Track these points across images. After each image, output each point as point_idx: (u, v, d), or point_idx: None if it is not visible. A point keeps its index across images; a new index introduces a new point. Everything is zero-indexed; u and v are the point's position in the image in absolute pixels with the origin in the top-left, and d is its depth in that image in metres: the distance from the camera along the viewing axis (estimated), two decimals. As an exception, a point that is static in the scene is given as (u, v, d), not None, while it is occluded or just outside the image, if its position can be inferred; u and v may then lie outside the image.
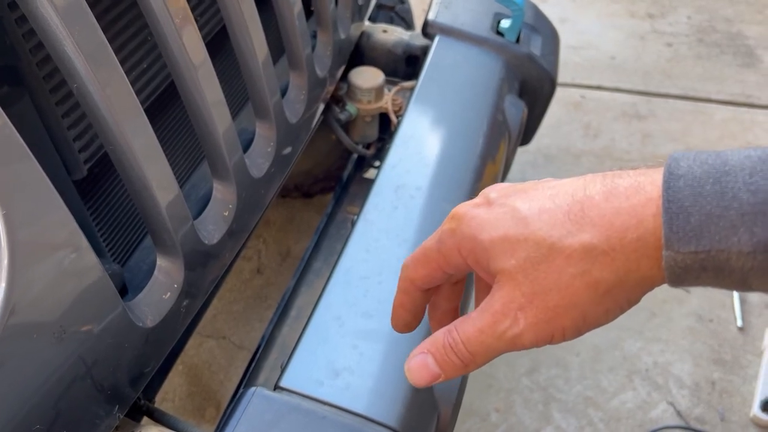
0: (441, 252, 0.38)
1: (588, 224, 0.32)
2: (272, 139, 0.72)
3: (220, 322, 1.44)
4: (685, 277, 0.31)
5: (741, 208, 0.29)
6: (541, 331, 0.34)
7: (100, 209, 0.63)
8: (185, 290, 0.60)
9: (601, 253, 0.32)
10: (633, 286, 0.33)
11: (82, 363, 0.49)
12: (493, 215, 0.35)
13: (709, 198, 0.30)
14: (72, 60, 0.47)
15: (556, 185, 0.35)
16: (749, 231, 0.29)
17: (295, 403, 0.56)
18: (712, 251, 0.30)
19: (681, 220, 0.30)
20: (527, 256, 0.34)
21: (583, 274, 0.32)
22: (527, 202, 0.35)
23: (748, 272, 0.30)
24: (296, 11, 0.74)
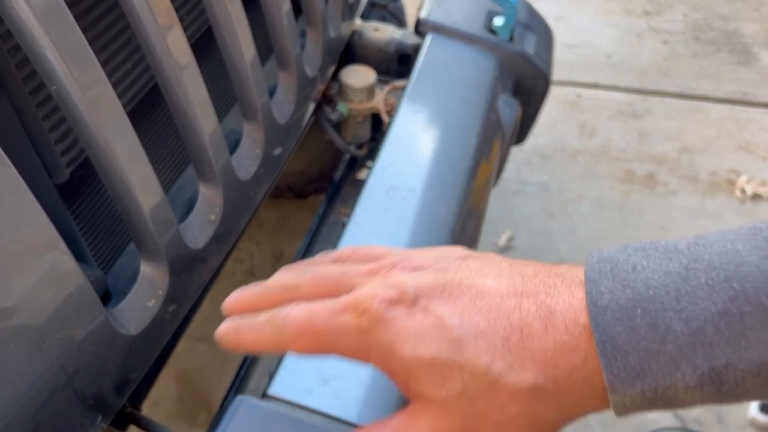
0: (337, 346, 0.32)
1: (530, 359, 0.29)
2: (260, 140, 0.71)
3: (212, 326, 1.42)
4: (635, 411, 0.30)
5: (677, 341, 0.27)
6: None
7: (84, 213, 0.61)
8: (170, 296, 0.58)
9: (547, 393, 0.30)
10: (576, 417, 0.32)
11: (62, 372, 0.47)
12: (417, 325, 0.30)
13: (642, 333, 0.28)
14: (50, 61, 0.45)
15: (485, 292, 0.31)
16: (691, 364, 0.27)
17: (283, 411, 0.54)
18: (658, 389, 0.28)
19: (619, 361, 0.28)
20: (462, 388, 0.30)
21: (525, 414, 0.30)
22: (457, 315, 0.30)
23: (699, 401, 0.29)
24: (284, 10, 0.73)
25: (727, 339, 0.27)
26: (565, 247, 1.61)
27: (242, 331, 0.35)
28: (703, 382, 0.28)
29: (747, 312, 0.26)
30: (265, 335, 0.34)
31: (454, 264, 0.33)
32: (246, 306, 0.37)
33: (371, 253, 0.36)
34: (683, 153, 1.88)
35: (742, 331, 0.26)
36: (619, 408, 0.30)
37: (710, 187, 1.78)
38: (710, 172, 1.82)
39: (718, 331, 0.27)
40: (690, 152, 1.88)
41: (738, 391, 0.28)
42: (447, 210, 0.77)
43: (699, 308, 0.27)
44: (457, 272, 0.32)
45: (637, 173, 1.82)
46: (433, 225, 0.75)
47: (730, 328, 0.27)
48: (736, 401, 0.29)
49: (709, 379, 0.27)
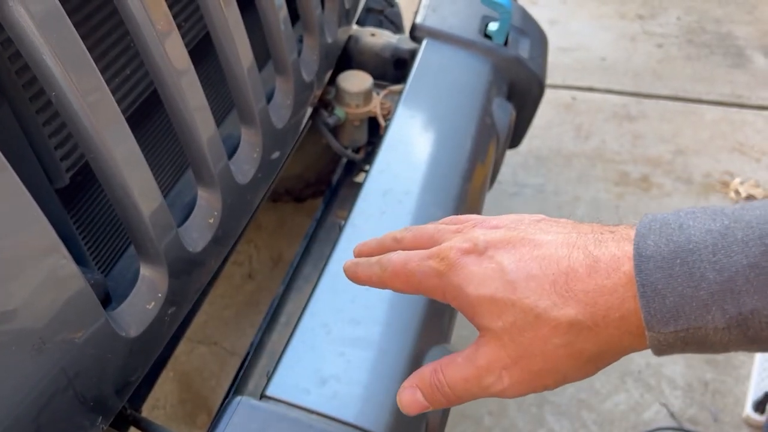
0: (422, 285, 0.40)
1: (572, 299, 0.34)
2: (258, 144, 0.72)
3: (212, 328, 1.44)
4: (670, 351, 0.33)
5: (710, 288, 0.31)
6: (523, 388, 0.37)
7: (84, 218, 0.62)
8: (170, 299, 0.59)
9: (586, 328, 0.34)
10: (614, 354, 0.35)
11: (63, 374, 0.48)
12: (482, 270, 0.37)
13: (680, 279, 0.31)
14: (50, 68, 0.46)
15: (543, 244, 0.36)
16: (720, 309, 0.30)
17: (281, 412, 0.55)
18: (690, 329, 0.31)
19: (657, 302, 0.32)
20: (514, 321, 0.35)
21: (567, 345, 0.35)
22: (515, 262, 0.36)
23: (727, 344, 0.32)
24: (282, 16, 0.74)
25: (756, 288, 0.30)
26: (561, 249, 1.62)
27: (360, 266, 0.44)
28: (731, 325, 0.30)
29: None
30: (374, 272, 0.42)
31: (525, 224, 0.39)
32: (368, 251, 0.46)
33: (462, 218, 0.43)
34: (678, 155, 1.89)
35: None
36: (655, 345, 0.33)
37: (704, 189, 1.79)
38: (704, 174, 1.83)
39: (748, 281, 0.30)
40: (684, 154, 1.89)
41: (763, 335, 0.30)
42: (443, 212, 0.77)
43: (732, 260, 0.30)
44: (525, 230, 0.38)
45: (631, 175, 1.83)
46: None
47: (759, 279, 0.30)
48: (763, 348, 0.31)
49: (736, 323, 0.30)
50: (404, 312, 0.66)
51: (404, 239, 0.43)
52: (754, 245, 0.30)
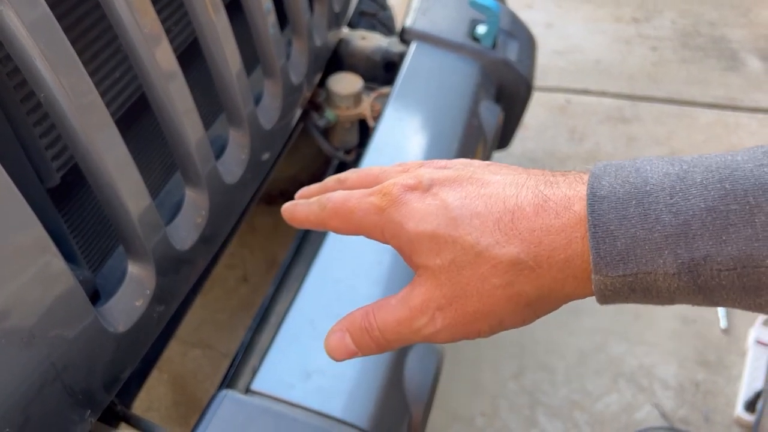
0: (362, 223, 0.38)
1: (516, 237, 0.32)
2: (246, 145, 0.73)
3: (206, 331, 1.45)
4: (615, 298, 0.32)
5: (664, 230, 0.29)
6: (456, 332, 0.36)
7: (74, 216, 0.64)
8: (158, 296, 0.60)
9: (527, 269, 0.32)
10: (554, 300, 0.34)
11: (52, 368, 0.49)
12: (424, 206, 0.35)
13: (634, 221, 0.30)
14: (39, 71, 0.48)
15: (491, 183, 0.35)
16: (673, 253, 0.29)
17: (265, 405, 0.56)
18: (639, 274, 0.30)
19: (608, 244, 0.30)
20: (453, 258, 0.34)
21: (506, 286, 0.33)
22: (460, 200, 0.34)
23: (674, 292, 0.30)
24: (270, 20, 0.75)
25: (711, 233, 0.28)
26: (555, 250, 1.63)
27: (298, 207, 0.42)
28: (681, 271, 0.29)
29: (733, 210, 0.28)
30: (312, 210, 0.40)
31: (474, 165, 0.37)
32: (310, 194, 0.44)
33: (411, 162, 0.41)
34: (671, 157, 1.90)
35: (726, 227, 0.28)
36: (600, 290, 0.31)
37: (698, 191, 1.80)
38: (698, 176, 1.84)
39: (704, 225, 0.29)
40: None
41: (712, 283, 0.29)
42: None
43: (689, 203, 0.29)
44: (473, 170, 0.37)
45: (625, 177, 1.85)
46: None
47: (714, 224, 0.28)
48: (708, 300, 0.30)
49: (687, 269, 0.29)
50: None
51: (348, 180, 0.42)
52: (713, 188, 0.29)
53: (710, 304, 0.31)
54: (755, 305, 0.30)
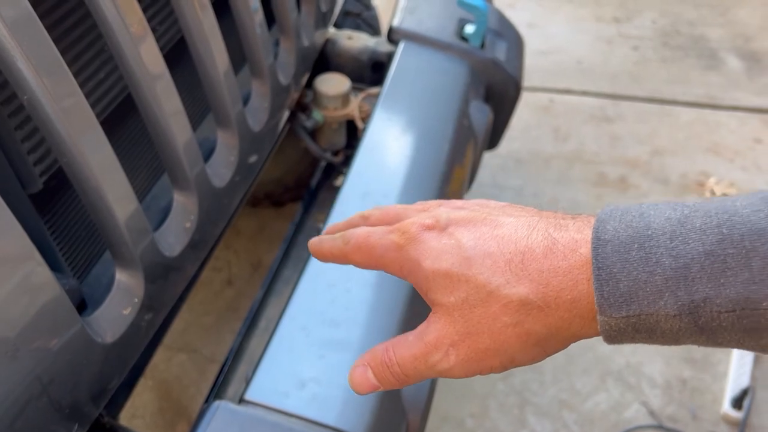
0: (382, 258, 0.39)
1: (526, 278, 0.34)
2: (235, 147, 0.72)
3: (191, 335, 1.42)
4: (620, 338, 0.33)
5: (665, 273, 0.30)
6: (469, 368, 0.37)
7: (58, 223, 0.61)
8: (146, 304, 0.58)
9: (536, 308, 0.34)
10: (562, 339, 0.35)
11: (38, 381, 0.47)
12: (440, 245, 0.37)
13: (635, 263, 0.31)
14: (21, 72, 0.46)
15: (503, 225, 0.36)
16: (674, 295, 0.30)
17: (260, 416, 0.55)
18: (642, 315, 0.31)
19: (611, 286, 0.31)
20: (466, 297, 0.35)
21: (516, 325, 0.34)
22: (473, 240, 0.36)
23: (677, 332, 0.31)
24: (257, 20, 0.74)
25: (709, 276, 0.30)
26: (541, 250, 1.64)
27: (324, 242, 0.43)
28: (682, 312, 0.30)
29: (730, 254, 0.29)
30: (336, 245, 0.42)
31: (490, 207, 0.39)
32: (335, 229, 0.45)
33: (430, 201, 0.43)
34: (654, 156, 1.92)
35: (723, 270, 0.29)
36: (606, 330, 0.32)
37: (681, 189, 1.82)
38: (680, 174, 1.86)
39: (702, 268, 0.30)
40: (661, 155, 1.92)
41: (713, 324, 0.30)
42: (421, 214, 0.78)
43: (689, 247, 0.30)
44: (488, 212, 0.38)
45: (609, 176, 1.86)
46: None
47: (713, 267, 0.29)
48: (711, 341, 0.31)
49: (688, 310, 0.30)
50: (384, 314, 0.66)
51: (371, 216, 0.44)
52: (711, 233, 0.30)
53: (715, 345, 0.31)
54: (759, 347, 0.31)
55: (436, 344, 0.37)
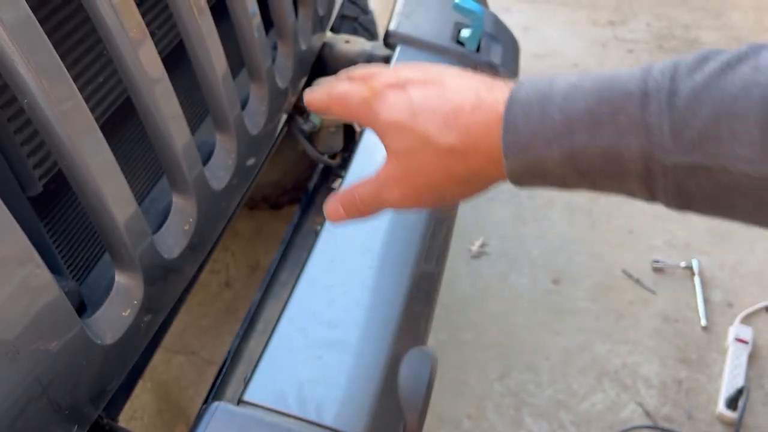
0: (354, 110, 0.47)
1: (455, 130, 0.41)
2: (233, 150, 0.72)
3: (189, 337, 1.43)
4: (521, 180, 0.41)
5: (554, 127, 0.37)
6: (409, 201, 0.46)
7: (58, 225, 0.62)
8: (145, 306, 0.59)
9: (459, 154, 0.41)
10: (480, 180, 0.43)
11: (37, 383, 0.48)
12: (396, 100, 0.44)
13: (534, 118, 0.38)
14: (21, 76, 0.46)
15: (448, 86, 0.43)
16: (559, 144, 0.37)
17: (258, 417, 0.55)
18: (535, 160, 0.38)
19: (514, 136, 0.39)
20: (410, 144, 0.43)
21: (444, 167, 0.42)
22: (422, 98, 0.43)
23: (564, 177, 0.38)
24: (255, 24, 0.74)
25: (587, 129, 0.36)
26: (537, 252, 1.65)
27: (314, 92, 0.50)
28: (565, 159, 0.37)
29: (604, 112, 0.35)
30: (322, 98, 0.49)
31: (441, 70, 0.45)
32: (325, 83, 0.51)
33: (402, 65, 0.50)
34: (649, 158, 1.93)
35: (597, 125, 0.36)
36: (509, 172, 0.40)
37: (676, 191, 1.83)
38: None
39: (582, 123, 0.36)
40: (656, 157, 1.93)
41: (589, 170, 0.37)
42: (417, 216, 0.78)
43: (575, 106, 0.37)
44: (440, 74, 0.44)
45: (605, 178, 1.87)
46: (404, 231, 0.76)
47: (590, 122, 0.36)
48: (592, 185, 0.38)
49: (569, 157, 0.37)
50: (381, 315, 0.67)
51: (354, 75, 0.50)
52: (593, 94, 0.36)
53: (595, 189, 0.38)
54: (627, 190, 0.37)
55: (385, 182, 0.46)
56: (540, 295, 1.55)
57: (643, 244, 1.67)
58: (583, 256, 1.64)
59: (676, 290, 1.56)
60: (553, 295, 1.55)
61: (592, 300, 1.54)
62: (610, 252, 1.65)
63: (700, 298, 1.53)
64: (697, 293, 1.54)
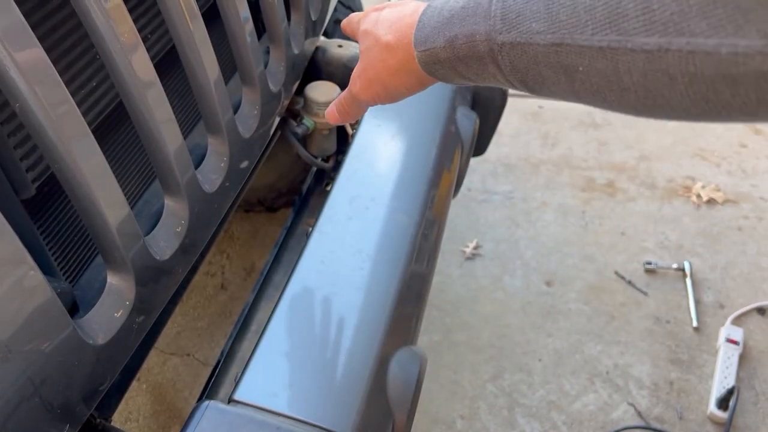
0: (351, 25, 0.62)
1: (395, 32, 0.52)
2: (225, 154, 0.73)
3: (184, 339, 1.43)
4: (426, 67, 0.49)
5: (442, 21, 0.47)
6: (366, 92, 0.56)
7: (51, 227, 0.63)
8: (138, 307, 0.60)
9: (392, 48, 0.52)
10: (409, 71, 0.52)
11: (29, 383, 0.49)
12: (372, 17, 0.56)
13: (433, 18, 0.48)
14: (13, 80, 0.47)
15: (404, 6, 0.54)
16: (443, 34, 0.47)
17: (249, 415, 0.56)
18: (430, 49, 0.48)
19: (420, 33, 0.49)
20: (368, 44, 0.55)
21: (383, 60, 0.53)
22: (386, 13, 0.54)
23: (451, 61, 0.47)
24: (247, 28, 0.75)
25: (460, 21, 0.45)
26: (530, 253, 1.66)
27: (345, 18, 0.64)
28: (447, 45, 0.46)
29: (470, 7, 0.44)
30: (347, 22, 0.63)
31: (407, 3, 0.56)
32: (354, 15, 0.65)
33: None
34: (641, 161, 1.94)
35: (465, 17, 0.45)
36: (419, 60, 0.49)
37: (668, 193, 1.84)
38: (667, 179, 1.88)
39: (458, 17, 0.45)
40: (648, 160, 1.95)
41: (462, 54, 0.46)
42: (409, 218, 0.79)
43: (456, 5, 0.46)
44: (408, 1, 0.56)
45: (597, 181, 1.88)
46: (395, 233, 0.77)
47: (462, 15, 0.45)
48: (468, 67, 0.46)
49: (449, 44, 0.46)
50: (371, 315, 0.67)
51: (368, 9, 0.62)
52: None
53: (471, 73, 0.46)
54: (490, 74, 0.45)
55: (352, 79, 0.58)
56: (533, 296, 1.56)
57: (635, 245, 1.68)
58: (576, 258, 1.65)
59: (668, 291, 1.57)
60: (546, 296, 1.56)
61: (584, 301, 1.55)
62: (602, 254, 1.66)
63: (692, 299, 1.54)
64: (689, 294, 1.56)
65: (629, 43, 0.34)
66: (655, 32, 0.33)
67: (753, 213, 1.79)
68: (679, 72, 0.32)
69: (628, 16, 0.34)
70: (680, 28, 0.31)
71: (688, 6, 0.31)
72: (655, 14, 0.32)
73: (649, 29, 0.33)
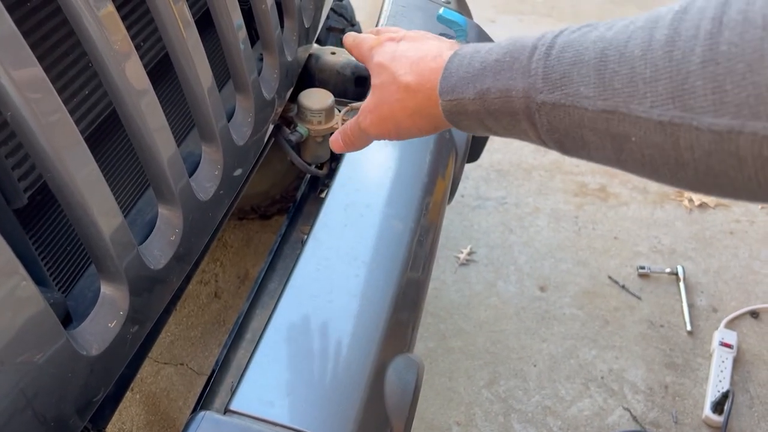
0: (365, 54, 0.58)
1: (414, 72, 0.51)
2: (219, 161, 0.73)
3: (178, 349, 1.42)
4: (451, 117, 0.49)
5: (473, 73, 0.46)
6: (375, 128, 0.56)
7: (43, 237, 0.62)
8: (132, 317, 0.59)
9: (412, 91, 0.51)
10: (426, 116, 0.52)
11: (22, 395, 0.48)
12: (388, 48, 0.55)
13: (463, 68, 0.47)
14: (5, 88, 0.46)
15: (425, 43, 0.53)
16: (473, 86, 0.46)
17: (245, 425, 0.56)
18: (458, 100, 0.47)
19: (447, 81, 0.48)
20: (384, 80, 0.53)
21: (400, 100, 0.52)
22: (405, 49, 0.53)
23: (479, 114, 0.46)
24: (241, 36, 0.75)
25: (493, 74, 0.44)
26: (524, 258, 1.66)
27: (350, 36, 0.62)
28: (476, 97, 0.46)
29: (506, 61, 0.44)
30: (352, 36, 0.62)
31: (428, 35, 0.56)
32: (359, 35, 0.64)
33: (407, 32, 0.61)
34: (634, 165, 1.95)
35: (499, 71, 0.44)
36: (444, 109, 0.49)
37: (660, 198, 1.85)
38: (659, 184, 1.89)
39: (491, 70, 0.45)
40: (640, 165, 1.95)
41: (493, 108, 0.45)
42: (404, 225, 0.79)
43: (489, 57, 0.45)
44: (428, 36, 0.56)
45: (590, 186, 1.88)
46: (390, 239, 0.77)
47: (495, 69, 0.44)
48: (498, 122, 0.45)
49: (479, 96, 0.45)
50: (367, 323, 0.67)
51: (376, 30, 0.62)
52: (504, 49, 0.44)
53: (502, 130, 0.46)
54: (522, 130, 0.44)
55: (362, 111, 0.56)
56: (527, 302, 1.56)
57: (628, 250, 1.69)
58: (569, 263, 1.65)
59: (662, 296, 1.58)
60: (540, 301, 1.56)
61: (578, 306, 1.55)
62: (595, 258, 1.66)
63: (685, 303, 1.55)
64: (682, 298, 1.56)
65: (695, 121, 0.32)
66: (726, 113, 0.31)
67: (744, 217, 1.80)
68: (751, 155, 0.30)
69: (695, 94, 0.32)
70: (756, 111, 0.30)
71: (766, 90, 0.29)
72: (727, 95, 0.30)
73: (719, 110, 0.31)
